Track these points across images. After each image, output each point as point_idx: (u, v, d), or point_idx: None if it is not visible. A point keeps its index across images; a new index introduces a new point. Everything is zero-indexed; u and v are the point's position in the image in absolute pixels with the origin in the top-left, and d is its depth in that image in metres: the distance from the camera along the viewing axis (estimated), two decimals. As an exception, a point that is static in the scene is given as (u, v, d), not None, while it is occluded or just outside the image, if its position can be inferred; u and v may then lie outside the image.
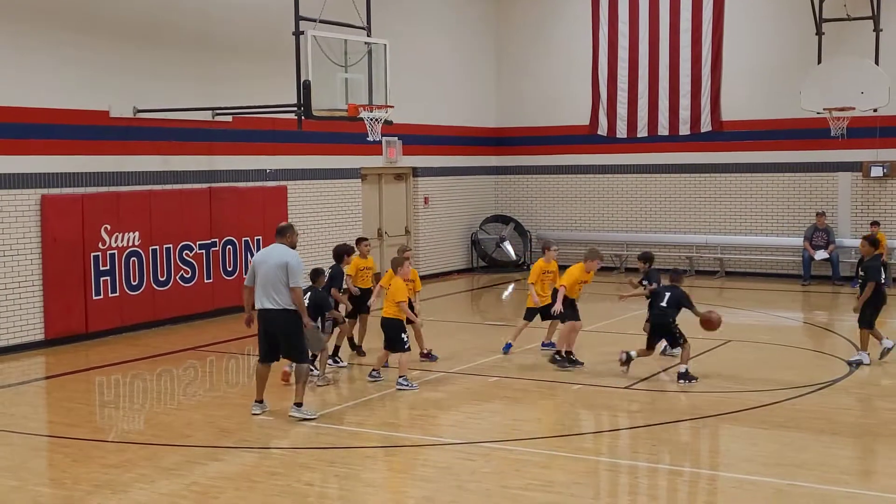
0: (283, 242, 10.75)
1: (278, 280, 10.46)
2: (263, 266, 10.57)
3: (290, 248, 10.72)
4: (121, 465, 9.18)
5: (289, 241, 10.79)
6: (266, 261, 10.59)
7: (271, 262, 10.53)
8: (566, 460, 9.28)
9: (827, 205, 21.74)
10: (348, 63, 15.70)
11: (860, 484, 8.49)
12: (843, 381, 12.28)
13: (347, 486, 8.71)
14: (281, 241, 10.76)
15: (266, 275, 10.51)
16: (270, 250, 10.73)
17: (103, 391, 12.72)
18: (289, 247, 10.73)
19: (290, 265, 10.47)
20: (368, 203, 21.47)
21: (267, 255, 10.68)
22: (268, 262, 10.55)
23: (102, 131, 15.76)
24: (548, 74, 24.54)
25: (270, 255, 10.63)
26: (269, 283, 10.50)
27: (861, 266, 13.33)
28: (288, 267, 10.45)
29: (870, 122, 20.52)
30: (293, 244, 10.85)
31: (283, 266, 10.45)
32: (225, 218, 17.45)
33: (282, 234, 10.80)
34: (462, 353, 14.27)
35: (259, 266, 10.62)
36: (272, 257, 10.59)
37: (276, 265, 10.48)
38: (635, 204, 23.85)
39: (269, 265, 10.52)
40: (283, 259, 10.50)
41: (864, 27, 20.41)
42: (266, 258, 10.64)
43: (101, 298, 15.45)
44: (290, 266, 10.47)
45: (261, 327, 10.75)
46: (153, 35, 16.48)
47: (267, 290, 10.53)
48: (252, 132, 18.17)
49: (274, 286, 10.48)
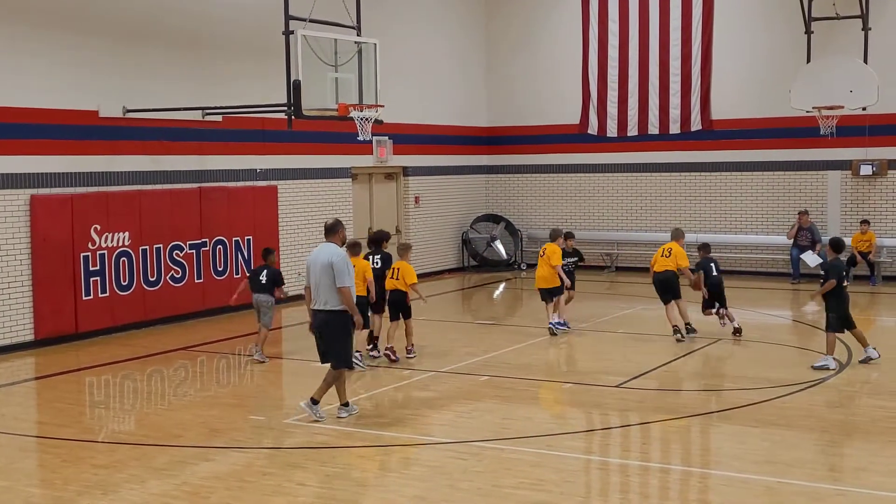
0: (332, 241, 10.66)
1: (326, 281, 10.38)
2: (313, 267, 10.50)
3: (339, 245, 10.66)
4: (111, 466, 9.17)
5: (339, 239, 10.73)
6: (315, 261, 10.51)
7: (319, 262, 10.44)
8: (557, 459, 9.29)
9: (816, 204, 21.80)
10: (338, 62, 15.69)
11: (850, 481, 8.51)
12: (832, 379, 12.32)
13: (339, 486, 8.70)
14: (331, 240, 10.67)
15: (316, 276, 10.44)
16: (320, 250, 10.62)
17: (93, 391, 12.69)
18: (339, 244, 10.68)
19: (335, 265, 10.37)
20: (359, 203, 21.46)
21: (316, 256, 10.59)
22: (317, 263, 10.47)
23: (92, 131, 15.72)
24: (538, 73, 24.55)
25: (319, 256, 10.54)
26: (319, 285, 10.44)
27: (823, 266, 13.32)
28: (333, 267, 10.36)
29: (859, 120, 20.58)
30: (344, 240, 10.83)
31: (328, 266, 10.37)
32: (215, 218, 17.42)
33: (332, 232, 10.70)
34: (453, 352, 14.28)
35: (311, 267, 10.56)
36: (321, 258, 10.49)
37: (323, 266, 10.39)
38: (626, 203, 23.88)
39: (318, 266, 10.44)
40: (328, 259, 10.40)
41: (853, 26, 20.48)
42: (316, 258, 10.55)
43: (91, 299, 15.41)
44: (336, 266, 10.37)
45: (315, 328, 10.70)
46: (143, 35, 16.45)
47: (317, 291, 10.48)
48: (242, 132, 18.15)
49: (322, 287, 10.42)
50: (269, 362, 13.82)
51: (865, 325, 17.45)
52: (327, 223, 10.86)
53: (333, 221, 10.86)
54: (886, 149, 21.08)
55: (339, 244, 10.72)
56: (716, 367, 12.99)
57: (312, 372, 13.24)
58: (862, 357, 13.10)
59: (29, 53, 14.85)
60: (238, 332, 16.13)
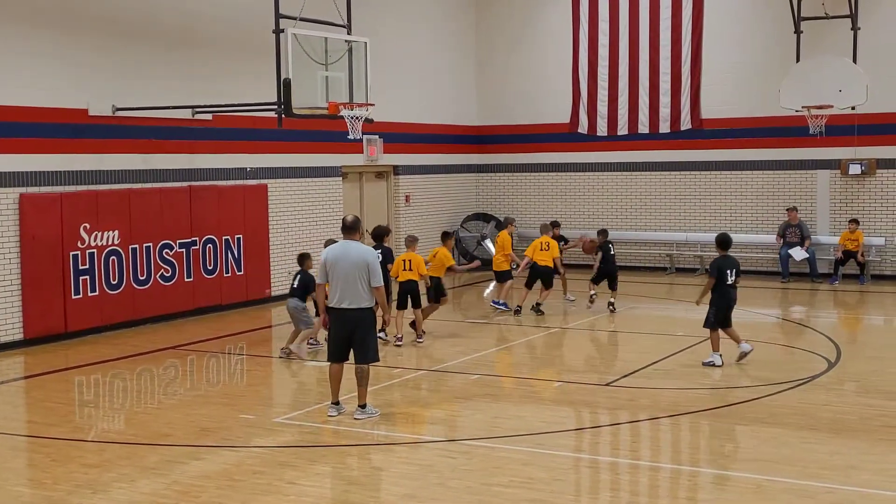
0: (354, 238, 10.47)
1: (358, 279, 10.22)
2: (341, 264, 10.26)
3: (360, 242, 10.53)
4: (101, 465, 9.15)
5: (360, 235, 10.61)
6: (343, 259, 10.27)
7: (350, 260, 10.23)
8: (547, 457, 9.30)
9: (806, 202, 21.86)
10: (329, 61, 15.68)
11: (839, 479, 8.54)
12: (821, 378, 12.36)
13: (329, 485, 8.70)
14: (352, 237, 10.47)
15: (345, 274, 10.23)
16: (346, 248, 10.38)
17: (83, 391, 12.65)
18: (360, 240, 10.56)
19: (371, 265, 10.26)
20: (349, 201, 21.44)
21: (344, 254, 10.33)
22: (346, 261, 10.24)
23: (81, 130, 15.68)
24: (529, 72, 24.57)
25: (348, 254, 10.30)
26: (349, 283, 10.23)
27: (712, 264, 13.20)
28: (369, 267, 10.24)
29: (848, 119, 20.65)
30: (362, 234, 10.71)
31: (363, 265, 10.22)
32: (205, 217, 17.39)
33: (354, 230, 10.48)
34: (443, 350, 14.28)
35: (336, 264, 10.29)
36: (350, 256, 10.27)
37: (356, 264, 10.21)
38: (616, 201, 23.92)
39: (349, 264, 10.22)
40: (363, 258, 10.26)
41: (843, 26, 20.54)
42: (343, 256, 10.30)
43: (81, 298, 15.37)
44: (371, 266, 10.27)
45: (336, 326, 10.47)
46: (133, 32, 16.41)
47: (346, 289, 10.25)
48: (232, 130, 18.12)
49: (353, 286, 10.23)
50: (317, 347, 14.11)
51: (854, 324, 17.58)
52: (347, 220, 10.56)
53: (354, 218, 10.59)
54: (875, 148, 21.15)
55: (359, 241, 10.55)
56: (705, 366, 13.00)
57: (303, 371, 13.27)
58: (706, 359, 12.98)
59: (18, 51, 14.80)
60: (228, 332, 16.10)
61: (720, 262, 13.00)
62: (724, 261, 13.03)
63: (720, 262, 12.99)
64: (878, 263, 21.30)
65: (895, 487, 8.30)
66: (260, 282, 18.55)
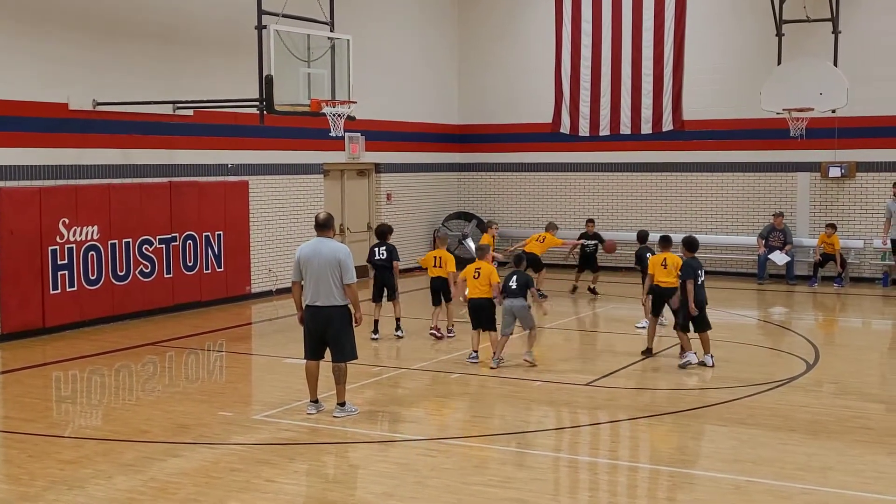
0: (327, 235, 10.45)
1: (332, 276, 10.21)
2: (314, 262, 10.26)
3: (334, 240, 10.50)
4: (77, 461, 9.09)
5: (333, 233, 10.57)
6: (316, 256, 10.26)
7: (323, 257, 10.23)
8: (526, 456, 9.30)
9: (785, 205, 21.96)
10: (311, 58, 15.65)
11: (816, 480, 8.58)
12: (800, 379, 12.42)
13: (308, 482, 8.67)
14: (325, 234, 10.44)
15: (317, 271, 10.23)
16: (318, 245, 10.36)
17: (60, 386, 12.58)
18: (333, 237, 10.53)
19: (343, 262, 10.22)
20: (331, 199, 21.40)
21: (316, 250, 10.32)
22: (319, 258, 10.24)
23: (61, 124, 15.58)
24: (511, 72, 24.59)
25: (321, 251, 10.29)
26: (322, 280, 10.22)
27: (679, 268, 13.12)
28: (341, 264, 10.21)
29: (828, 122, 20.76)
30: (335, 233, 10.67)
31: (335, 263, 10.20)
32: (185, 213, 17.31)
33: (327, 227, 10.46)
34: (423, 349, 14.28)
35: (309, 261, 10.30)
36: (323, 252, 10.26)
37: (329, 261, 10.20)
38: (597, 202, 23.96)
39: (321, 261, 10.22)
40: (335, 256, 10.23)
41: (824, 29, 20.64)
42: (316, 253, 10.29)
43: (59, 293, 15.27)
44: (343, 262, 10.22)
45: (310, 324, 10.45)
46: (114, 26, 16.32)
47: (319, 286, 10.25)
48: (213, 126, 18.05)
49: (327, 283, 10.22)
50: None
51: (832, 326, 17.67)
52: (320, 217, 10.56)
53: (327, 215, 10.60)
54: (855, 151, 21.27)
55: (332, 238, 10.53)
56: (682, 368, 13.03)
57: (282, 368, 13.22)
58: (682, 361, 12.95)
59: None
60: (207, 328, 16.04)
61: (692, 262, 12.91)
62: (695, 261, 12.97)
63: (693, 263, 12.89)
64: (857, 266, 21.42)
65: (870, 489, 8.34)
66: (240, 279, 18.49)
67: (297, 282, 10.55)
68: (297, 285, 10.58)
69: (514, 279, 13.08)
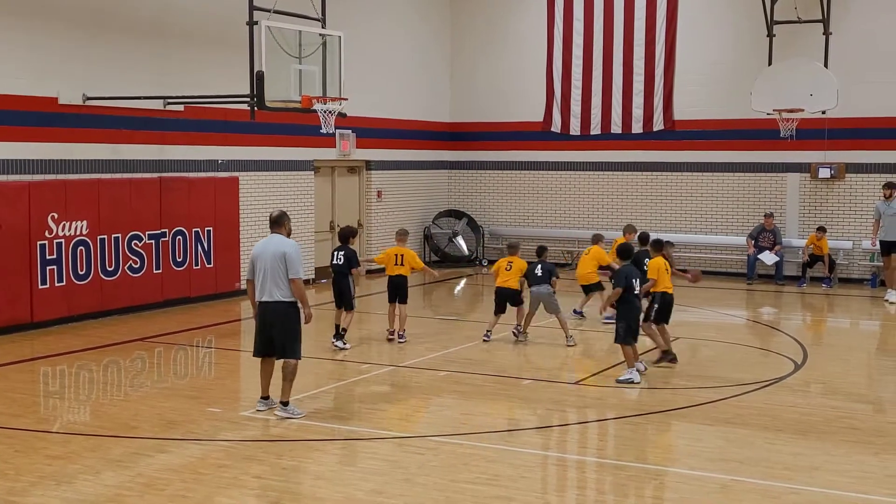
0: (279, 232, 10.47)
1: (278, 272, 10.21)
2: (262, 258, 10.29)
3: (287, 236, 10.48)
4: (65, 457, 9.07)
5: (286, 230, 10.54)
6: (264, 252, 10.30)
7: (269, 253, 10.25)
8: (514, 454, 9.31)
9: (775, 205, 22.02)
10: (302, 54, 15.64)
11: (803, 480, 8.61)
12: (788, 379, 12.46)
13: (295, 479, 8.67)
14: (277, 231, 10.47)
15: (266, 267, 10.24)
16: (268, 241, 10.41)
17: (48, 381, 12.55)
18: (286, 235, 10.50)
19: (289, 255, 10.21)
20: (321, 196, 21.38)
21: (265, 246, 10.36)
22: (267, 254, 10.26)
23: (51, 118, 15.53)
24: (502, 70, 24.60)
25: (268, 246, 10.33)
26: (269, 276, 10.23)
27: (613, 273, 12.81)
28: (286, 257, 10.20)
29: (818, 123, 20.81)
30: (290, 232, 10.61)
31: (281, 257, 10.19)
32: (175, 208, 17.27)
33: (279, 224, 10.49)
34: (412, 347, 14.28)
35: (258, 258, 10.34)
36: (270, 248, 10.29)
37: (275, 256, 10.21)
38: (588, 201, 23.99)
39: (268, 256, 10.24)
40: (280, 249, 10.23)
41: (815, 30, 20.69)
42: (264, 249, 10.34)
43: (48, 287, 15.23)
44: (289, 256, 10.21)
45: (259, 320, 10.45)
46: (105, 21, 16.27)
47: (266, 282, 10.25)
48: (204, 122, 18.01)
49: (273, 278, 10.21)
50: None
51: (820, 327, 17.72)
52: (273, 214, 10.65)
53: (279, 213, 10.65)
54: (845, 152, 21.32)
55: (286, 235, 10.52)
56: (672, 366, 13.07)
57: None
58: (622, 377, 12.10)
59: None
60: (196, 324, 16.02)
61: (627, 270, 12.23)
62: (631, 269, 12.33)
63: (627, 271, 12.20)
64: (846, 267, 21.48)
65: (857, 489, 8.38)
66: (230, 275, 18.45)
67: (251, 280, 10.51)
68: (251, 283, 10.53)
69: (539, 267, 14.27)
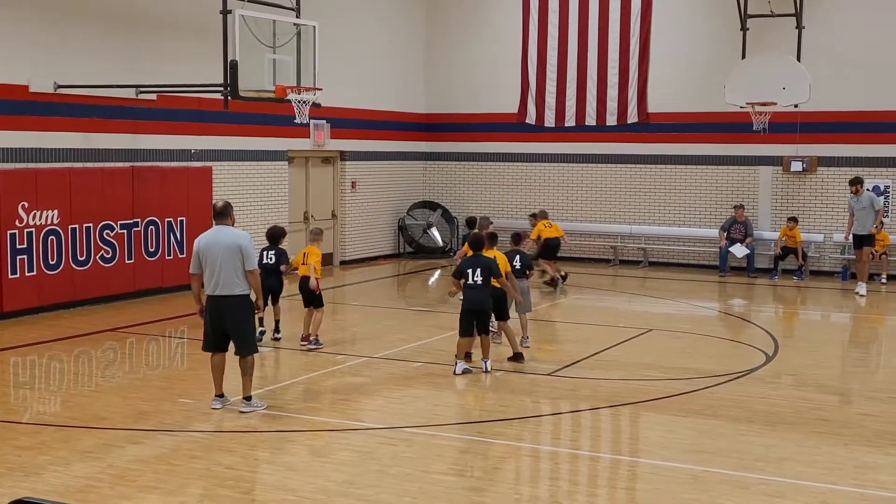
0: (225, 223, 10.18)
1: (232, 265, 9.92)
2: (213, 250, 9.94)
3: (233, 227, 10.20)
4: (35, 448, 9.00)
5: (231, 221, 10.25)
6: (216, 244, 9.96)
7: (223, 245, 9.93)
8: (487, 446, 9.33)
9: (748, 198, 22.15)
10: (277, 44, 15.57)
11: (774, 471, 8.67)
12: (759, 371, 12.54)
13: (268, 470, 8.65)
14: (223, 222, 10.17)
15: (218, 260, 9.91)
16: (218, 233, 10.07)
17: (18, 372, 12.44)
18: (231, 226, 10.21)
19: (245, 248, 9.94)
20: (295, 186, 21.31)
21: (215, 239, 10.00)
22: (219, 246, 9.93)
23: (21, 106, 15.37)
24: (477, 61, 24.58)
25: (220, 238, 9.99)
26: (223, 269, 9.92)
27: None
28: (243, 250, 9.92)
29: (791, 117, 20.93)
30: (234, 222, 10.31)
31: (236, 249, 9.91)
32: (148, 198, 17.15)
33: (225, 215, 10.19)
34: (386, 338, 14.27)
35: (207, 250, 9.97)
36: (223, 240, 9.96)
37: (230, 249, 9.90)
38: (561, 193, 24.03)
39: (221, 249, 9.91)
40: (236, 242, 9.94)
41: (788, 24, 20.81)
42: (215, 241, 9.99)
43: (18, 277, 15.10)
44: (245, 249, 9.94)
45: (210, 314, 10.15)
46: (76, 7, 16.12)
47: (219, 275, 9.93)
48: (177, 111, 17.89)
49: (227, 271, 9.92)
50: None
51: (791, 319, 17.85)
52: (217, 205, 10.32)
53: (224, 203, 10.33)
54: (817, 146, 21.46)
55: (231, 226, 10.23)
56: (646, 358, 13.14)
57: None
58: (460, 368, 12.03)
59: (-43, 24, 14.48)
60: (169, 315, 15.92)
61: (465, 261, 12.15)
62: (470, 260, 12.13)
63: (462, 264, 12.15)
64: (817, 260, 21.64)
65: (826, 479, 8.45)
66: (202, 265, 18.32)
67: (197, 273, 10.14)
68: (197, 277, 10.15)
69: (518, 258, 13.50)
